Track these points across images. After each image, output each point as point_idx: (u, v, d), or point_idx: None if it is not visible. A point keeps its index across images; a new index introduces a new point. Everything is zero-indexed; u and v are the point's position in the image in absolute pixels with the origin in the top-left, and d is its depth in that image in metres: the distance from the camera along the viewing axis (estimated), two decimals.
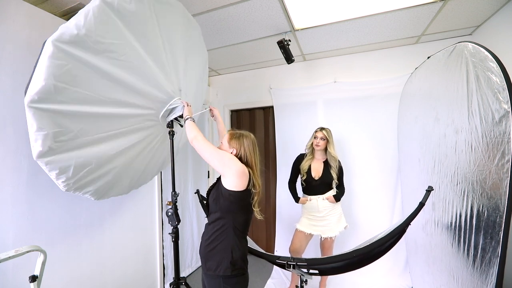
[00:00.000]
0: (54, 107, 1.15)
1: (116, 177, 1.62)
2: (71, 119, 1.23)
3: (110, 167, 1.52)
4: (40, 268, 1.15)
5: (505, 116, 1.15)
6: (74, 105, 1.22)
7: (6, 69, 1.41)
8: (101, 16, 1.17)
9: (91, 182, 1.46)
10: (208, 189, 1.43)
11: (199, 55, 1.97)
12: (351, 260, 1.45)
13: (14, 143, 1.42)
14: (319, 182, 2.28)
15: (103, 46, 1.21)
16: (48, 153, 1.19)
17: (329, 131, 2.33)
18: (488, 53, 1.27)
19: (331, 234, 2.25)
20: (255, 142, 1.39)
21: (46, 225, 1.58)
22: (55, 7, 1.68)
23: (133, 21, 1.32)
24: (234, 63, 3.14)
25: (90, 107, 1.28)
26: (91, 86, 1.25)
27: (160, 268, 2.50)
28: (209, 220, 1.36)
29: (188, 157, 3.10)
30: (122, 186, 1.75)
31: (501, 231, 1.16)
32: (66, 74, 1.14)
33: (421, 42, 2.65)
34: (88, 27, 1.14)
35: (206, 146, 1.30)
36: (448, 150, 1.64)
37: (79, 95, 1.22)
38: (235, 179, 1.25)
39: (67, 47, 1.11)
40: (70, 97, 1.19)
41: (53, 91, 1.12)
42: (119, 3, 1.23)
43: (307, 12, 2.04)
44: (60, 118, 1.19)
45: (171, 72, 1.62)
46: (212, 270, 1.26)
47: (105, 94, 1.32)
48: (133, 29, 1.33)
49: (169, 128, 1.67)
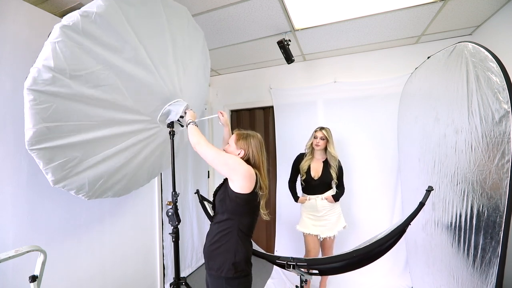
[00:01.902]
0: (53, 144, 1.20)
1: (132, 180, 1.75)
2: (72, 148, 1.29)
3: (122, 174, 1.63)
4: (40, 268, 1.15)
5: (505, 116, 1.15)
6: (71, 137, 1.26)
7: (6, 69, 1.41)
8: (68, 49, 1.09)
9: (109, 189, 1.61)
10: (216, 189, 1.42)
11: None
12: (351, 260, 1.45)
13: (14, 143, 1.42)
14: (319, 182, 2.28)
15: (81, 77, 1.18)
16: (61, 179, 1.31)
17: (329, 130, 2.33)
18: (488, 53, 1.27)
19: (330, 234, 2.25)
20: (262, 142, 1.38)
21: (46, 225, 1.58)
22: (55, 7, 1.68)
23: (108, 35, 1.22)
24: (234, 63, 3.14)
25: (86, 134, 1.32)
26: (82, 115, 1.27)
27: (160, 268, 2.50)
28: (214, 220, 1.35)
29: (188, 157, 3.10)
30: (141, 180, 1.89)
31: (501, 231, 1.16)
32: (54, 114, 1.15)
33: (421, 42, 2.65)
34: (58, 65, 1.08)
35: (210, 151, 1.27)
36: (448, 150, 1.64)
37: (73, 127, 1.26)
38: (242, 182, 1.24)
39: (46, 88, 1.09)
40: (65, 131, 1.23)
41: (47, 132, 1.16)
42: (84, 25, 1.11)
43: (307, 12, 2.04)
44: (62, 151, 1.25)
45: (172, 73, 1.61)
46: (214, 270, 1.26)
47: (98, 119, 1.35)
48: (109, 44, 1.23)
49: (170, 128, 1.67)
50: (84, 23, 1.10)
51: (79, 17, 1.08)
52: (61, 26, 1.06)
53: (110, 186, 1.61)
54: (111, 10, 1.17)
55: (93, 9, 1.11)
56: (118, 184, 1.66)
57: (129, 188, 1.81)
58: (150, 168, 1.90)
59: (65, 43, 1.07)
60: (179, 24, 1.62)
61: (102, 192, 1.57)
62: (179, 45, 1.64)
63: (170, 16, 1.53)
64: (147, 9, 1.35)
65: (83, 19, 1.09)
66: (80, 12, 1.09)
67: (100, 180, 1.50)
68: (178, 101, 1.64)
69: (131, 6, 1.26)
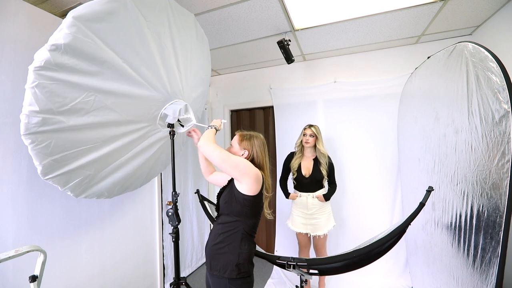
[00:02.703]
0: (64, 170, 1.29)
1: (149, 174, 1.96)
2: (83, 168, 1.38)
3: (139, 174, 1.80)
4: (40, 268, 1.15)
5: (505, 116, 1.15)
6: (79, 160, 1.34)
7: (6, 69, 1.41)
8: (48, 89, 1.07)
9: (128, 188, 1.82)
10: (220, 191, 1.41)
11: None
12: (351, 260, 1.45)
13: (14, 143, 1.42)
14: (310, 179, 2.30)
15: (69, 109, 1.18)
16: (81, 193, 1.47)
17: (318, 128, 2.35)
18: (488, 53, 1.27)
19: (319, 232, 2.27)
20: (265, 143, 1.38)
21: (46, 225, 1.58)
22: (55, 7, 1.68)
23: (84, 60, 1.16)
24: (234, 63, 3.14)
25: (94, 153, 1.38)
26: (83, 141, 1.32)
27: (160, 268, 2.50)
28: (218, 221, 1.34)
29: (188, 157, 3.10)
30: (155, 173, 2.06)
31: (501, 231, 1.16)
32: (56, 147, 1.21)
33: (421, 42, 2.65)
34: (43, 106, 1.08)
35: (218, 153, 1.24)
36: (448, 150, 1.64)
37: (78, 152, 1.31)
38: (251, 185, 1.23)
39: (40, 129, 1.12)
40: (71, 157, 1.30)
41: (55, 163, 1.24)
42: (56, 59, 1.05)
43: (307, 12, 2.04)
44: (74, 173, 1.35)
45: (162, 76, 1.56)
46: (217, 271, 1.25)
47: (100, 139, 1.38)
48: (87, 70, 1.19)
49: (170, 128, 1.67)
50: (55, 57, 1.05)
51: (49, 53, 1.03)
52: (34, 69, 1.03)
53: (129, 184, 1.80)
54: (80, 35, 1.09)
55: (61, 41, 1.04)
56: (136, 182, 1.86)
57: (145, 182, 2.00)
58: (163, 163, 2.06)
59: (42, 85, 1.06)
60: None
61: (121, 191, 1.76)
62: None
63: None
64: (121, 19, 1.23)
65: (53, 53, 1.04)
66: (48, 48, 1.03)
67: (117, 187, 1.68)
68: (175, 102, 1.62)
69: (101, 22, 1.15)
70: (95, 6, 1.12)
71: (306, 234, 2.32)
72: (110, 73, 1.27)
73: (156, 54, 1.44)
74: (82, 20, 1.09)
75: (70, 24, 1.06)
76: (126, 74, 1.33)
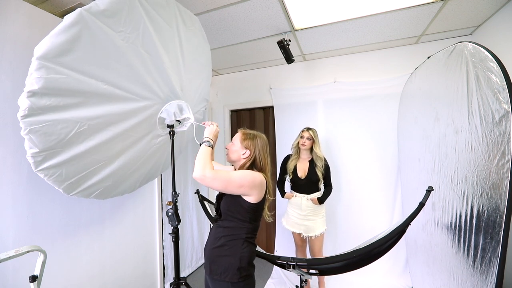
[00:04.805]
0: (83, 188, 1.43)
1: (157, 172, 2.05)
2: (101, 182, 1.50)
3: (155, 169, 1.94)
4: (40, 268, 1.15)
5: (505, 116, 1.15)
6: (94, 177, 1.45)
7: (6, 69, 1.41)
8: (38, 133, 1.10)
9: (150, 178, 1.97)
10: (220, 193, 1.36)
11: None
12: (351, 260, 1.45)
13: (14, 143, 1.42)
14: (305, 181, 2.32)
15: (66, 143, 1.22)
16: (107, 198, 1.66)
17: (315, 131, 2.37)
18: (488, 53, 1.27)
19: (312, 234, 2.29)
20: (267, 144, 1.35)
21: (46, 225, 1.58)
22: (55, 7, 1.68)
23: (64, 97, 1.16)
24: (234, 63, 3.14)
25: (106, 169, 1.48)
26: (92, 162, 1.39)
27: (160, 268, 2.50)
28: (220, 224, 1.30)
29: (188, 157, 3.10)
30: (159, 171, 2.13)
31: (501, 231, 1.16)
32: (68, 174, 1.31)
33: (421, 42, 2.65)
34: (43, 147, 1.14)
35: (218, 181, 1.18)
36: (448, 150, 1.64)
37: (91, 172, 1.42)
38: (258, 195, 1.23)
39: (46, 165, 1.20)
40: (86, 178, 1.42)
41: (73, 185, 1.37)
42: (36, 104, 1.06)
43: (307, 12, 2.04)
44: (92, 188, 1.47)
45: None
46: (218, 275, 1.21)
47: (107, 157, 1.46)
48: (70, 104, 1.18)
49: (170, 128, 1.67)
50: (35, 102, 1.05)
51: (28, 101, 1.04)
52: (21, 118, 1.05)
53: (150, 176, 1.96)
54: (51, 75, 1.06)
55: (35, 87, 1.03)
56: (157, 171, 2.01)
57: (165, 169, 2.13)
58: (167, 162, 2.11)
59: (33, 130, 1.09)
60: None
61: (143, 183, 1.92)
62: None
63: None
64: (88, 42, 1.15)
65: (32, 99, 1.04)
66: (26, 95, 1.03)
67: (138, 182, 1.87)
68: (169, 104, 1.60)
69: (68, 54, 1.10)
70: (56, 38, 1.05)
71: (299, 234, 2.34)
72: (96, 99, 1.26)
73: (137, 63, 1.37)
74: (48, 59, 1.04)
75: (37, 67, 1.02)
76: (112, 95, 1.31)
